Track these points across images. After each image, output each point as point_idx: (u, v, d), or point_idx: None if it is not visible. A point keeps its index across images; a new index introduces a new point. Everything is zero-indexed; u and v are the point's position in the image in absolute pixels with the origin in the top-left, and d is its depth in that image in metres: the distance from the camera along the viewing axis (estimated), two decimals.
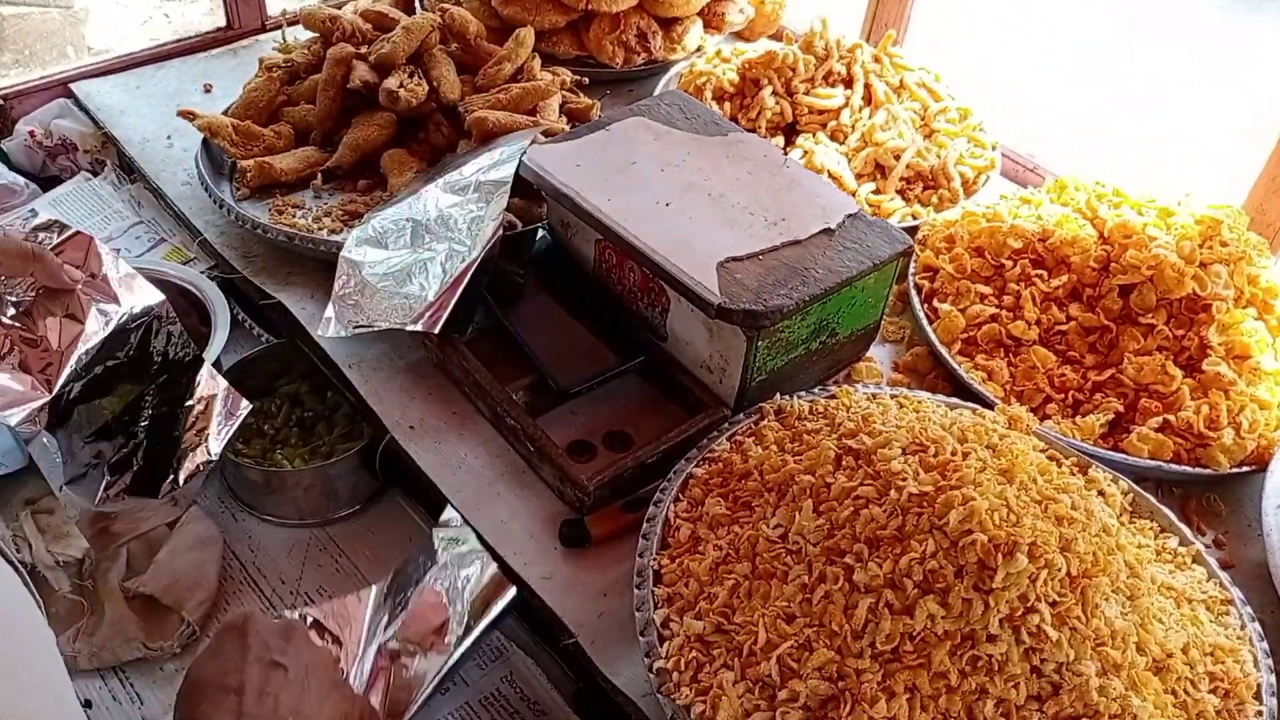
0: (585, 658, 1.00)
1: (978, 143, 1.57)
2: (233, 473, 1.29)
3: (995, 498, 0.89)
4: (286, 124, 1.52)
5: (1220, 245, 1.25)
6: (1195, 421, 1.16)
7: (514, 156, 1.26)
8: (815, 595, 0.90)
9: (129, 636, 1.12)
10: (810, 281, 1.11)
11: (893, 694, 0.84)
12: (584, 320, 1.26)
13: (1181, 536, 1.08)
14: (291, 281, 1.37)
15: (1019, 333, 1.27)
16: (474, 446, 1.19)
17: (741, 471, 1.06)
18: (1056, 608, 0.86)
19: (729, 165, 1.24)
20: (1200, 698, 0.92)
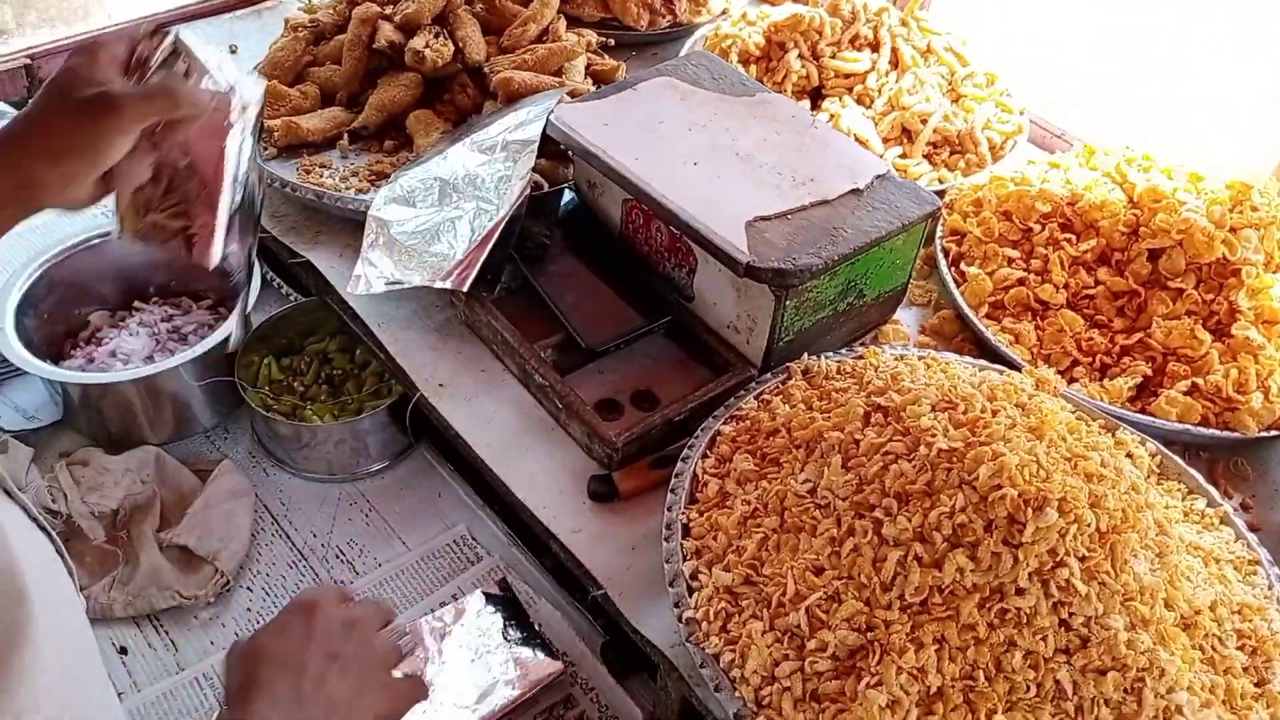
0: (614, 609, 1.01)
1: (1005, 108, 1.56)
2: (264, 428, 1.30)
3: (1025, 454, 0.89)
4: (312, 84, 1.53)
5: (1251, 210, 1.25)
6: (1224, 385, 1.16)
7: (540, 117, 1.26)
8: (844, 548, 0.91)
9: (164, 585, 1.14)
10: (839, 241, 1.11)
11: (921, 645, 0.85)
12: (611, 281, 1.27)
13: (1209, 498, 1.08)
14: (320, 241, 1.38)
15: (1047, 296, 1.27)
16: (502, 404, 1.19)
17: (769, 429, 1.06)
18: (1085, 562, 0.86)
19: (756, 125, 1.24)
20: (1228, 654, 0.92)
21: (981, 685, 0.85)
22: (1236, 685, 0.91)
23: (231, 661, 0.80)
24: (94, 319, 1.38)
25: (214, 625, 1.16)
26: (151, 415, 1.27)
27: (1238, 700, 0.90)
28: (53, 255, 1.33)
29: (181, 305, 1.42)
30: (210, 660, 1.12)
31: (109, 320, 1.39)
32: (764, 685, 0.88)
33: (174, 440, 1.31)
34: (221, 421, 1.35)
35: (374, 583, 1.19)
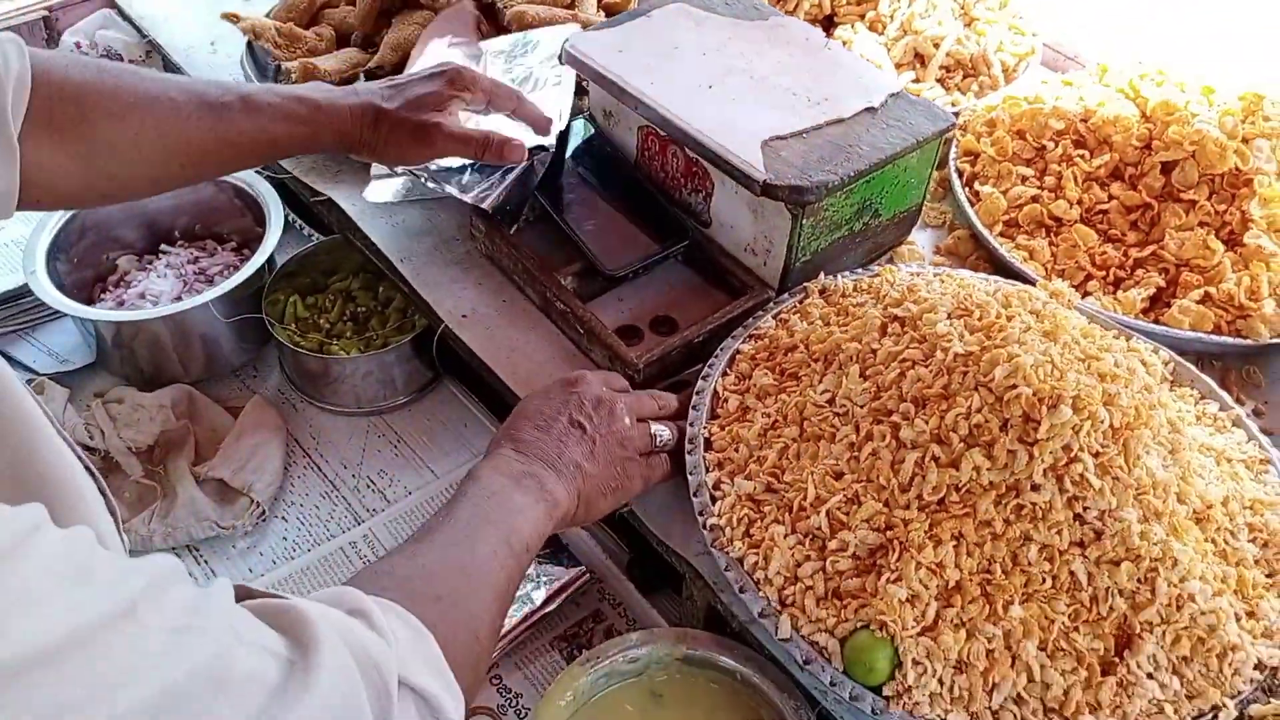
0: (640, 524, 1.04)
1: (1018, 30, 1.56)
2: (292, 364, 1.33)
3: (1039, 355, 0.91)
4: (328, 26, 1.54)
5: (1263, 120, 1.25)
6: (1236, 293, 1.17)
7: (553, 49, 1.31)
8: (863, 453, 0.93)
9: (202, 516, 1.17)
10: (854, 158, 1.12)
11: (939, 541, 0.87)
12: (628, 210, 1.28)
13: (1222, 402, 1.10)
14: (340, 179, 1.39)
15: (1060, 212, 1.28)
16: (524, 332, 1.22)
17: (787, 345, 1.08)
18: (1099, 458, 0.88)
19: (770, 48, 1.25)
20: (1239, 546, 0.95)
21: (998, 578, 0.87)
22: (1248, 576, 0.93)
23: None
24: (121, 263, 1.41)
25: (252, 554, 1.19)
26: (182, 353, 1.30)
27: (1249, 590, 0.93)
28: None
29: (206, 247, 1.44)
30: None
31: (136, 264, 1.42)
32: (787, 585, 0.90)
33: (204, 379, 1.34)
34: (250, 360, 1.38)
35: (405, 510, 1.22)
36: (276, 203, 1.36)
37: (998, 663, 0.85)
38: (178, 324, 1.27)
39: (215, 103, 1.01)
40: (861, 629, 0.86)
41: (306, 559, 1.17)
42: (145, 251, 1.44)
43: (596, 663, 0.96)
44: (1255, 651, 0.89)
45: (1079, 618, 0.88)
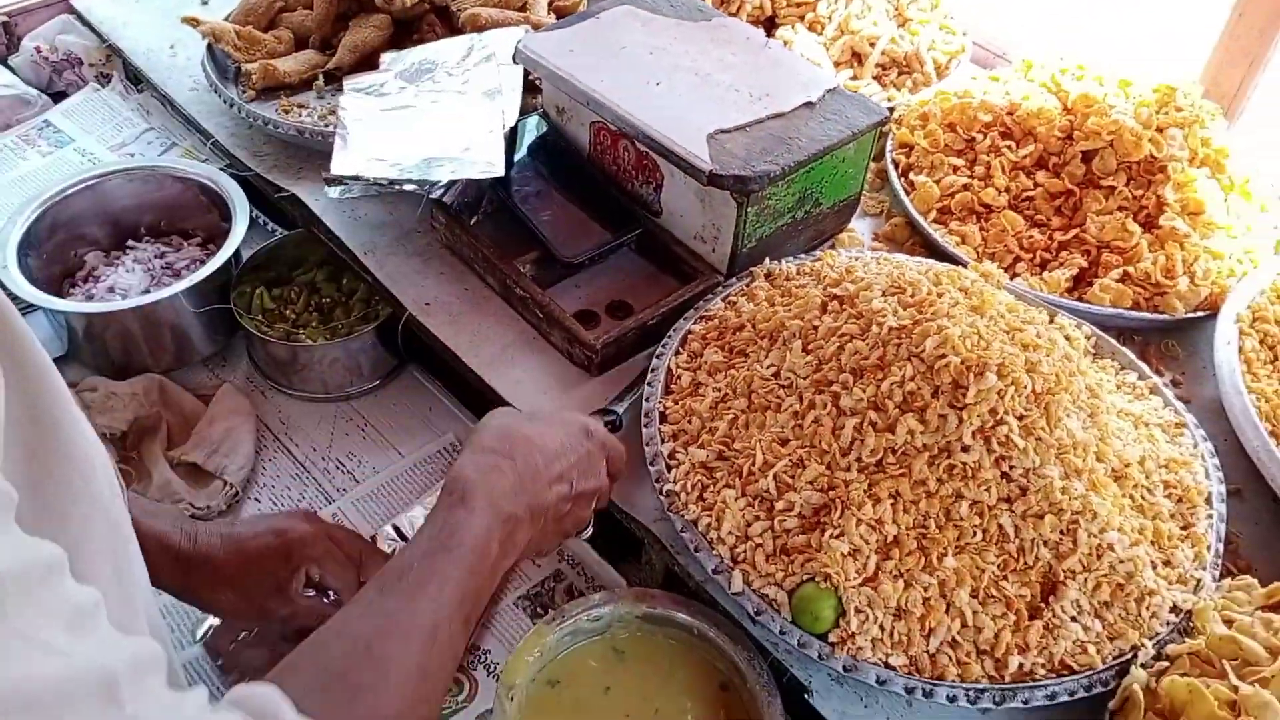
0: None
1: (949, 29, 1.64)
2: (260, 351, 1.37)
3: (967, 327, 0.98)
4: (286, 29, 1.59)
5: (1175, 110, 1.34)
6: (1153, 271, 1.26)
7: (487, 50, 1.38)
8: (806, 420, 1.00)
9: (177, 498, 1.21)
10: (795, 149, 1.19)
11: (878, 499, 0.94)
12: (582, 201, 1.34)
13: (1140, 372, 1.18)
14: (303, 176, 1.44)
15: (989, 200, 1.36)
16: (486, 318, 1.27)
17: (736, 325, 1.15)
18: (1023, 420, 0.96)
19: (714, 47, 1.32)
20: (1155, 501, 1.03)
21: (933, 532, 0.94)
22: (1164, 528, 1.01)
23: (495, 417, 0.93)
24: (89, 259, 1.44)
25: None
26: (152, 344, 1.34)
27: (1165, 541, 1.00)
28: (52, 196, 1.39)
29: (173, 243, 1.48)
30: None
31: (103, 260, 1.45)
32: (738, 544, 0.97)
33: (174, 368, 1.37)
34: (218, 350, 1.42)
35: (372, 489, 1.27)
36: (242, 198, 1.41)
37: (933, 609, 0.92)
38: (147, 316, 1.31)
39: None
40: (807, 581, 0.93)
41: None
42: (113, 248, 1.47)
43: (561, 621, 1.01)
44: (1171, 596, 0.97)
45: (1007, 567, 0.95)
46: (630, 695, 0.99)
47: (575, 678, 1.01)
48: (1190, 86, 1.38)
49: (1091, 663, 0.92)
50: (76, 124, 1.63)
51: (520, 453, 0.88)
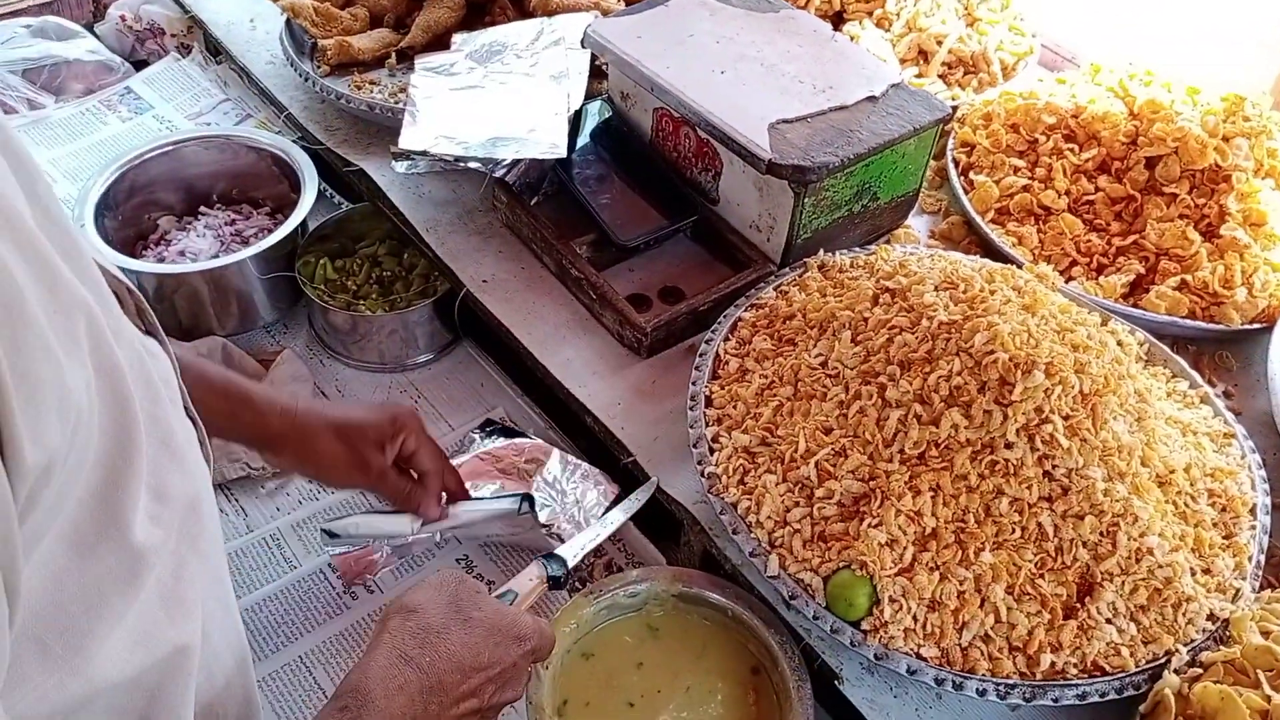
0: (643, 473, 1.12)
1: (1018, 30, 1.64)
2: (321, 319, 1.41)
3: (1017, 324, 0.99)
4: (362, 7, 1.62)
5: (1243, 120, 1.33)
6: (1211, 281, 1.25)
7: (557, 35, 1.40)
8: (851, 410, 1.01)
9: (234, 457, 1.25)
10: (855, 142, 1.20)
11: (918, 491, 0.95)
12: (642, 186, 1.36)
13: (1192, 380, 1.17)
14: (371, 151, 1.48)
15: (1049, 202, 1.35)
16: (541, 297, 1.30)
17: (786, 314, 1.16)
18: (1068, 420, 0.96)
19: (780, 38, 1.33)
20: (1198, 509, 1.02)
21: (971, 527, 0.95)
22: (1205, 536, 1.00)
23: (444, 588, 0.84)
24: (162, 223, 1.49)
25: (279, 494, 1.27)
26: (219, 308, 1.38)
27: (1205, 549, 1.00)
28: (131, 159, 1.44)
29: (243, 211, 1.53)
30: (275, 524, 1.23)
31: (176, 225, 1.50)
32: (776, 528, 0.98)
33: (238, 333, 1.42)
34: (281, 317, 1.46)
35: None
36: (311, 170, 1.44)
37: (968, 603, 0.93)
38: (216, 279, 1.36)
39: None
40: (843, 568, 0.94)
41: (329, 499, 1.25)
42: (185, 213, 1.52)
43: (599, 595, 1.03)
44: (1209, 604, 0.97)
45: (1045, 565, 0.95)
46: (662, 672, 1.01)
47: (609, 651, 1.03)
48: (1260, 97, 1.36)
49: (1124, 665, 0.92)
50: (156, 92, 1.68)
51: (434, 666, 0.79)
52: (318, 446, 1.03)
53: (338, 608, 1.16)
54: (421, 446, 1.08)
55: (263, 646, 1.12)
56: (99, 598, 0.49)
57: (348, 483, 1.10)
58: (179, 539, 0.56)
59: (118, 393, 0.50)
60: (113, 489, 0.49)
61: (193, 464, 0.62)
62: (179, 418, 0.61)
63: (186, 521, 0.57)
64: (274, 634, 1.13)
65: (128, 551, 0.50)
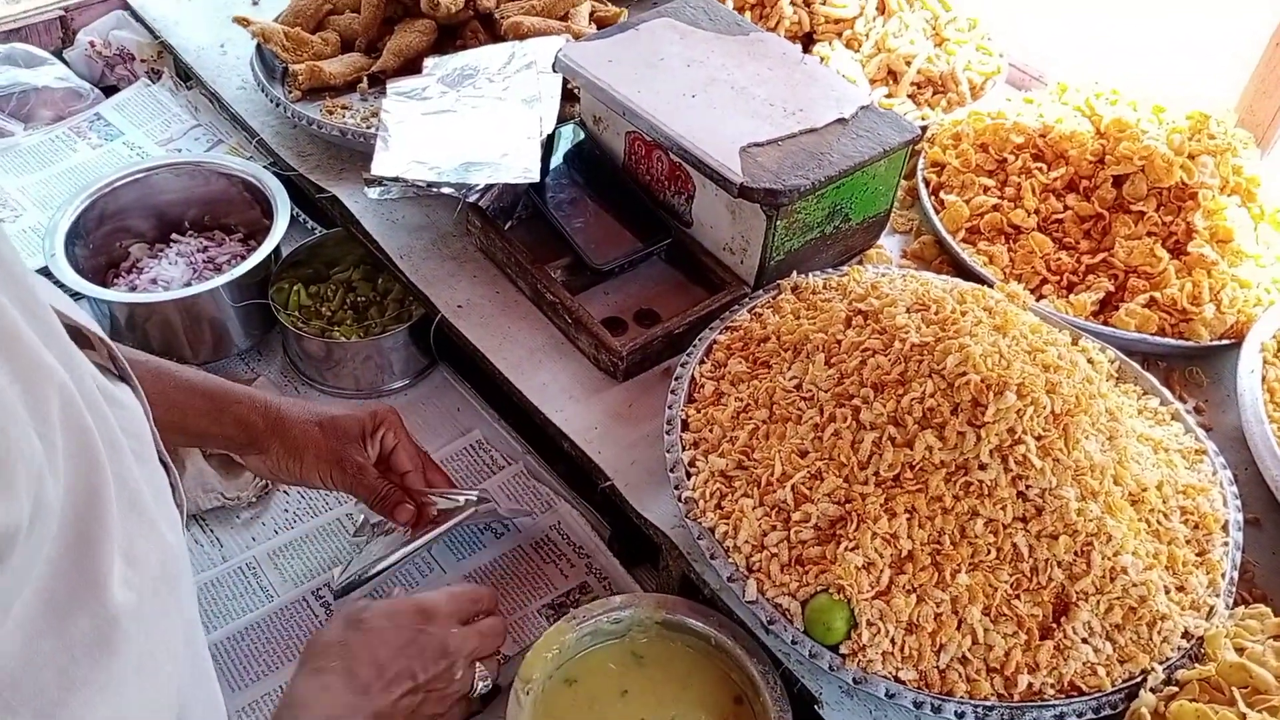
0: (620, 498, 1.12)
1: (985, 50, 1.65)
2: (295, 346, 1.40)
3: (988, 345, 0.99)
4: (333, 32, 1.62)
5: (1208, 138, 1.35)
6: (1179, 298, 1.26)
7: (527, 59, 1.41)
8: (826, 433, 1.01)
9: (209, 488, 1.24)
10: (825, 164, 1.21)
11: (894, 514, 0.96)
12: (615, 210, 1.36)
13: (1162, 398, 1.19)
14: (343, 177, 1.47)
15: (1019, 221, 1.36)
16: (516, 321, 1.30)
17: (760, 336, 1.17)
18: (1041, 440, 0.97)
19: (750, 61, 1.34)
20: (1171, 526, 1.03)
21: (947, 548, 0.95)
22: (1179, 554, 1.01)
23: (336, 619, 0.93)
24: (134, 250, 1.48)
25: (255, 524, 1.26)
26: (191, 336, 1.37)
27: (1179, 566, 1.01)
28: (101, 187, 1.43)
29: (215, 237, 1.52)
30: (251, 553, 1.23)
31: (148, 252, 1.49)
32: (754, 553, 0.99)
33: (212, 361, 1.41)
34: (255, 344, 1.45)
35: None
36: (284, 196, 1.44)
37: (945, 625, 0.93)
38: (188, 308, 1.35)
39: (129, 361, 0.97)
40: (821, 592, 0.95)
41: (305, 528, 1.24)
42: (156, 240, 1.51)
43: (582, 621, 1.03)
44: (1183, 621, 0.98)
45: (1020, 586, 0.96)
46: (647, 700, 1.01)
47: (592, 678, 1.03)
48: (1224, 114, 1.38)
49: (1101, 685, 0.93)
50: (126, 118, 1.67)
51: (352, 661, 0.87)
52: (300, 443, 1.06)
53: None
54: (400, 444, 1.13)
55: (241, 676, 1.12)
56: (72, 664, 0.48)
57: (327, 482, 1.11)
58: (152, 603, 0.55)
59: (88, 455, 0.49)
60: (86, 550, 0.48)
61: (164, 518, 0.62)
62: (149, 472, 0.60)
63: (158, 585, 0.56)
64: (252, 664, 1.13)
65: (103, 616, 0.49)
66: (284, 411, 1.07)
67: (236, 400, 1.05)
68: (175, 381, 1.01)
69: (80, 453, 0.48)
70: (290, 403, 1.09)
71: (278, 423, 1.06)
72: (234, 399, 1.04)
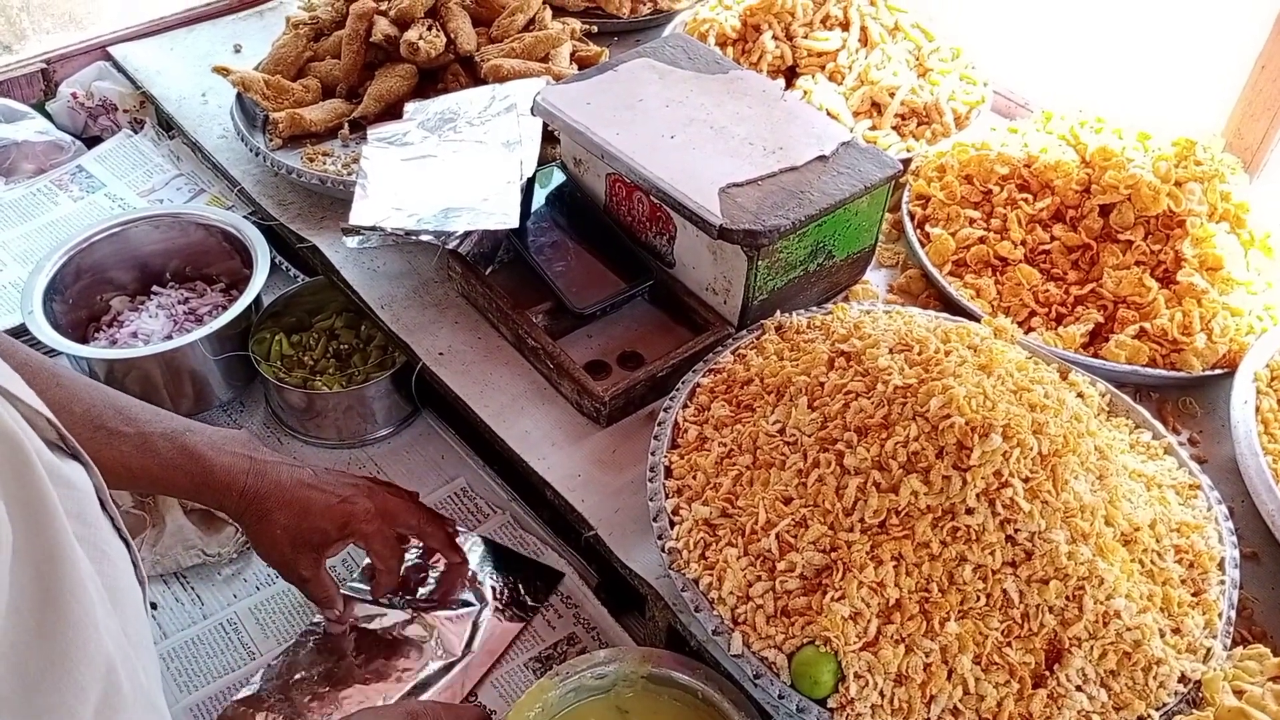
0: (605, 548, 1.10)
1: (969, 79, 1.64)
2: (276, 398, 1.39)
3: (973, 386, 0.97)
4: (314, 78, 1.62)
5: (1195, 164, 1.33)
6: (1169, 328, 1.24)
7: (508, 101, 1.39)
8: (810, 479, 0.99)
9: (189, 544, 1.22)
10: (806, 203, 1.19)
11: (880, 562, 0.93)
12: (597, 252, 1.35)
13: (1155, 431, 1.16)
14: (324, 226, 1.46)
15: (1005, 253, 1.35)
16: (498, 367, 1.28)
17: (744, 379, 1.15)
18: (1029, 483, 0.95)
19: (730, 100, 1.33)
20: (1165, 566, 1.01)
21: (936, 596, 0.93)
22: (1174, 594, 0.99)
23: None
24: (114, 304, 1.47)
25: (236, 580, 1.24)
26: (172, 390, 1.36)
27: (1175, 608, 0.99)
28: (77, 243, 1.42)
29: (196, 288, 1.51)
30: (232, 609, 1.21)
31: (128, 305, 1.48)
32: (739, 604, 0.96)
33: (194, 414, 1.39)
34: (237, 396, 1.44)
35: None
36: (263, 245, 1.43)
37: (935, 675, 0.91)
38: (168, 362, 1.33)
39: (110, 429, 0.97)
40: (807, 645, 0.92)
41: (285, 584, 1.22)
42: (137, 293, 1.50)
43: (566, 677, 1.01)
44: (1179, 665, 0.95)
45: (1011, 633, 0.94)
46: None
47: None
48: (1211, 140, 1.37)
49: None
50: (108, 169, 1.67)
51: None
52: (263, 538, 1.05)
53: None
54: (373, 546, 1.11)
55: None
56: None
57: (285, 569, 1.10)
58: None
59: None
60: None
61: (124, 592, 0.60)
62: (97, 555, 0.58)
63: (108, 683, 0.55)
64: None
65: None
66: (258, 504, 1.04)
67: (212, 481, 1.01)
68: (148, 460, 0.98)
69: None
70: (267, 493, 1.04)
71: (250, 513, 1.04)
72: (209, 481, 1.01)
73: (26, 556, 0.50)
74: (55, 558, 0.52)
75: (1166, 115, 1.45)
